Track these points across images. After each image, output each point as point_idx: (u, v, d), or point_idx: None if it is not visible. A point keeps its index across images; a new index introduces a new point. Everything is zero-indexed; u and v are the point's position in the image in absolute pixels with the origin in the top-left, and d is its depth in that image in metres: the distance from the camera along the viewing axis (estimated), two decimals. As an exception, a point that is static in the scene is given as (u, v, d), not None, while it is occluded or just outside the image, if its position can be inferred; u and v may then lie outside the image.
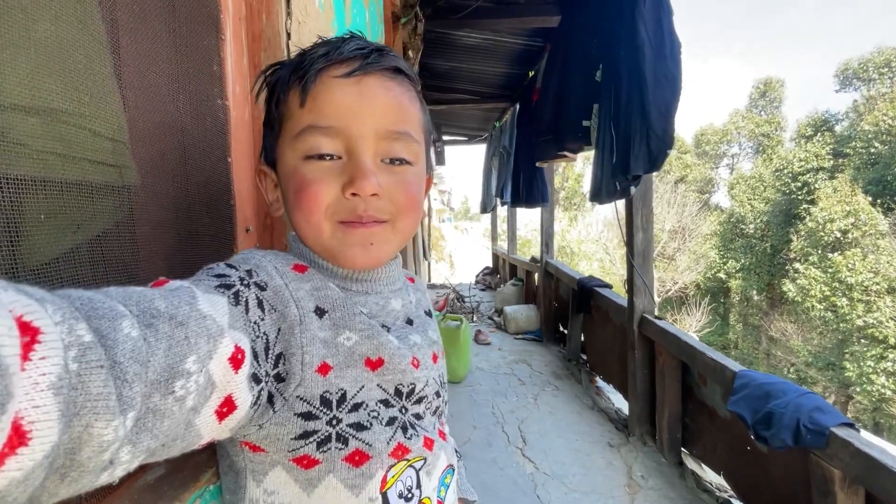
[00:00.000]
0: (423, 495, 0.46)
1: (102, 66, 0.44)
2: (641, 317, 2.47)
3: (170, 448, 0.31)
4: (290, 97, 0.46)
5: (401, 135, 0.47)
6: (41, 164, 0.42)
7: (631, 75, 1.84)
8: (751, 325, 18.18)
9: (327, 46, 0.46)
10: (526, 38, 3.66)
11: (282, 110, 0.47)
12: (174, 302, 0.31)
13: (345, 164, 0.45)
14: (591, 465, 2.29)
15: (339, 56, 0.44)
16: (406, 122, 0.47)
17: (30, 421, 0.20)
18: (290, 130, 0.46)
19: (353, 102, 0.44)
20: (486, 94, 5.07)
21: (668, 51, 1.75)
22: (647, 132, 1.78)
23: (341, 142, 0.45)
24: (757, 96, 22.96)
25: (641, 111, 1.80)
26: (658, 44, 1.75)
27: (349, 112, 0.44)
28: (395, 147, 0.47)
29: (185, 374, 0.29)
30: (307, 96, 0.44)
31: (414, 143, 0.48)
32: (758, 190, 19.02)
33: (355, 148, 0.44)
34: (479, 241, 24.44)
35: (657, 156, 1.78)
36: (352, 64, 0.45)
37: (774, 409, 1.47)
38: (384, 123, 0.45)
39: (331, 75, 0.44)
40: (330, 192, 0.44)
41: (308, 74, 0.44)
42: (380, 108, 0.45)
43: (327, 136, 0.44)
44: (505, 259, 6.87)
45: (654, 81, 1.77)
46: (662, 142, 1.78)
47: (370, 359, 0.45)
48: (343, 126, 0.44)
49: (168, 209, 0.51)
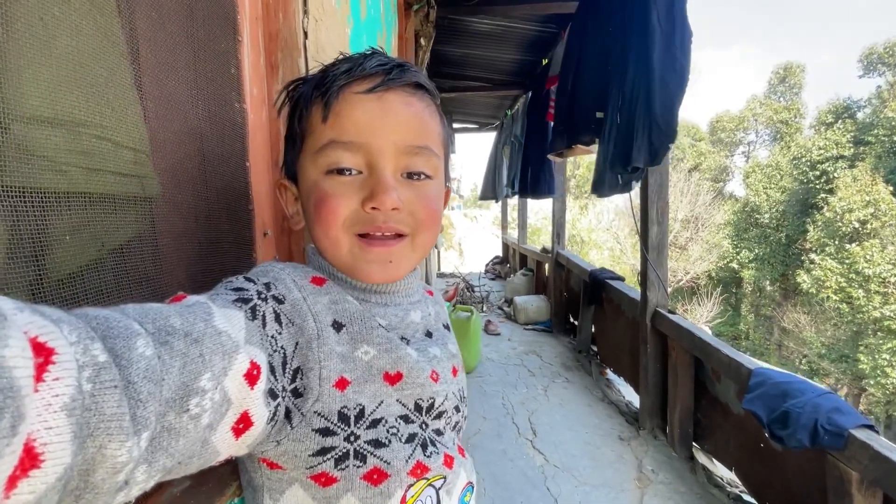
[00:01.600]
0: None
1: (123, 76, 0.43)
2: (655, 311, 2.45)
3: (187, 466, 0.31)
4: (312, 113, 0.46)
5: (421, 149, 0.47)
6: (64, 178, 0.41)
7: (639, 64, 1.79)
8: (763, 316, 17.97)
9: (349, 63, 0.46)
10: (539, 25, 3.58)
11: (304, 126, 0.47)
12: (189, 319, 0.31)
13: (365, 179, 0.45)
14: (602, 458, 2.29)
15: (361, 72, 0.45)
16: (426, 137, 0.48)
17: (42, 443, 0.19)
18: (312, 146, 0.46)
19: (374, 118, 0.44)
20: (497, 82, 5.00)
21: (678, 39, 1.68)
22: (651, 123, 1.74)
23: (362, 157, 0.45)
24: (776, 82, 22.30)
25: (647, 101, 1.75)
26: (669, 31, 1.69)
27: (370, 128, 0.44)
28: (416, 161, 0.47)
29: (200, 391, 0.29)
30: (329, 112, 0.44)
31: (434, 158, 0.48)
32: (774, 179, 18.60)
33: (376, 163, 0.45)
34: (488, 228, 24.36)
35: (658, 148, 1.74)
36: (374, 80, 0.45)
37: (791, 409, 1.45)
38: (405, 139, 0.46)
39: (353, 91, 0.45)
40: (349, 205, 0.45)
41: (330, 90, 0.44)
42: (401, 123, 0.45)
43: (348, 150, 0.44)
44: (515, 248, 6.84)
45: (662, 71, 1.71)
46: (665, 135, 1.73)
47: (388, 373, 0.45)
48: (364, 141, 0.44)
49: (188, 218, 0.51)
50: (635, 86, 1.82)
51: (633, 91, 1.82)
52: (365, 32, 1.11)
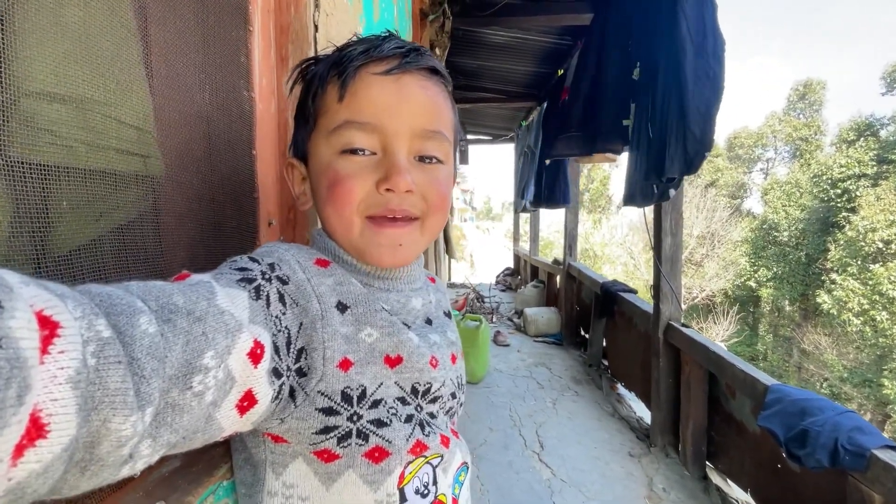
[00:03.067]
0: (438, 492, 0.46)
1: (131, 54, 0.44)
2: (668, 324, 2.40)
3: (191, 441, 0.31)
4: (327, 92, 0.46)
5: (435, 133, 0.47)
6: (69, 153, 0.42)
7: (669, 73, 1.77)
8: (781, 337, 17.47)
9: (366, 44, 0.46)
10: (555, 37, 3.60)
11: (318, 104, 0.47)
12: (192, 297, 0.31)
13: (379, 161, 0.45)
14: (611, 474, 2.23)
15: (378, 53, 0.45)
16: (440, 122, 0.48)
17: (48, 413, 0.20)
18: (327, 125, 0.46)
19: (391, 100, 0.44)
20: (512, 93, 5.02)
21: (710, 47, 1.67)
22: (685, 133, 1.71)
23: (377, 138, 0.45)
24: (796, 98, 22.01)
25: (679, 110, 1.73)
26: (700, 39, 1.68)
27: (387, 109, 0.44)
28: (429, 146, 0.47)
29: (203, 369, 0.29)
30: (346, 92, 0.44)
31: (446, 143, 0.49)
32: (793, 196, 18.24)
33: (391, 145, 0.45)
34: (500, 241, 24.31)
35: (693, 158, 1.71)
36: (391, 62, 0.45)
37: (810, 428, 1.39)
38: (420, 122, 0.46)
39: (370, 72, 0.45)
40: (364, 187, 0.45)
41: (347, 70, 0.44)
42: (417, 106, 0.46)
43: (364, 131, 0.44)
44: (526, 260, 6.79)
45: (695, 80, 1.69)
46: (701, 144, 1.70)
47: (389, 356, 0.45)
48: (380, 123, 0.44)
49: (192, 199, 0.51)
50: (666, 96, 1.80)
51: (665, 101, 1.81)
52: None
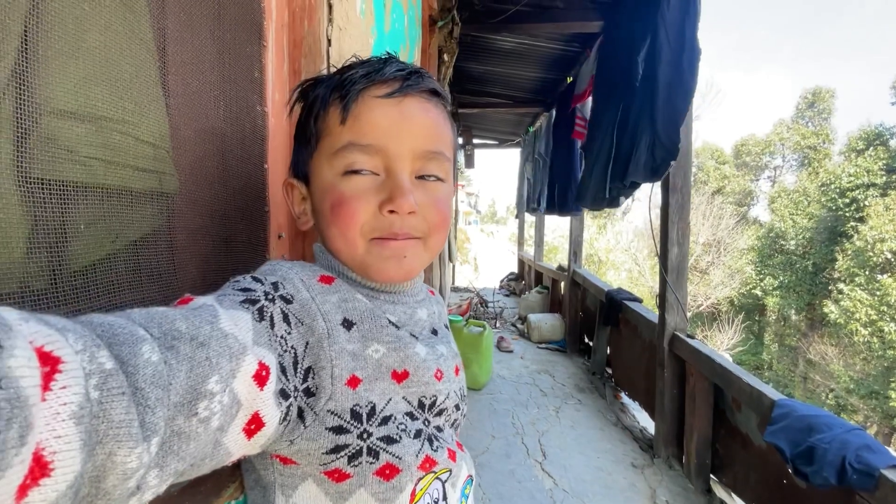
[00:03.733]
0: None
1: (149, 73, 0.44)
2: (673, 334, 2.38)
3: (199, 467, 0.31)
4: (329, 114, 0.47)
5: (436, 154, 0.48)
6: (86, 170, 0.42)
7: (646, 81, 1.79)
8: (787, 346, 17.30)
9: (368, 67, 0.47)
10: (563, 44, 3.60)
11: (320, 126, 0.47)
12: (195, 322, 0.31)
13: (382, 182, 0.46)
14: (613, 484, 2.21)
15: (380, 77, 0.46)
16: (441, 143, 0.49)
17: (51, 451, 0.19)
18: (329, 147, 0.46)
19: (393, 122, 0.45)
20: (519, 99, 5.03)
21: (685, 57, 1.68)
22: (654, 140, 1.73)
23: (380, 160, 0.45)
24: (804, 107, 21.87)
25: (651, 117, 1.75)
26: (677, 48, 1.69)
27: (389, 132, 0.45)
28: (430, 166, 0.48)
29: (209, 394, 0.29)
30: (348, 114, 0.45)
31: (446, 162, 0.50)
32: (801, 205, 18.10)
33: (393, 167, 0.45)
34: (504, 245, 24.27)
35: (660, 165, 1.72)
36: (392, 85, 0.46)
37: (817, 444, 1.37)
38: (422, 144, 0.46)
39: (372, 95, 0.45)
40: (367, 209, 0.45)
41: (350, 93, 0.45)
42: (418, 128, 0.46)
43: (366, 153, 0.45)
44: (531, 265, 6.78)
45: (668, 87, 1.71)
46: (668, 151, 1.72)
47: (396, 371, 0.45)
48: (382, 145, 0.45)
49: (204, 215, 0.51)
50: (642, 102, 1.82)
51: (640, 107, 1.82)
52: (388, 45, 1.13)
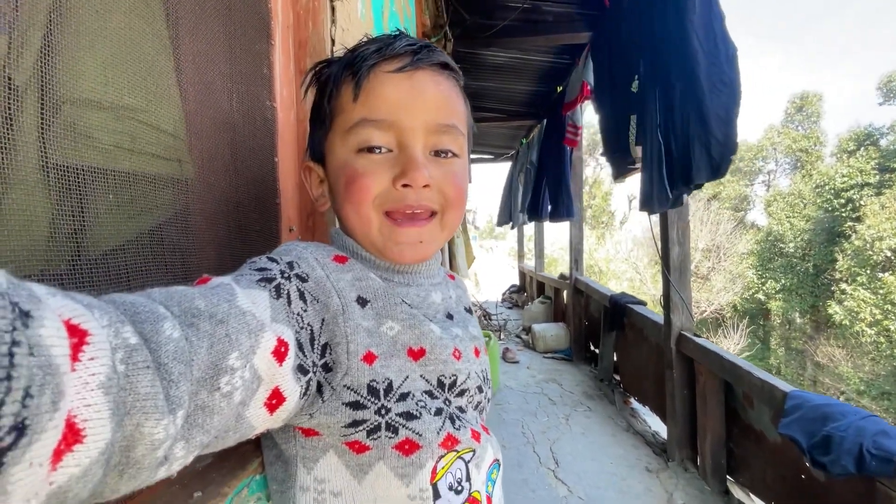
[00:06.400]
0: (472, 489, 0.45)
1: (165, 65, 0.46)
2: (679, 334, 2.37)
3: (224, 440, 0.32)
4: (342, 92, 0.47)
5: (449, 128, 0.48)
6: (106, 156, 0.43)
7: (684, 83, 1.82)
8: (794, 350, 17.14)
9: (378, 43, 0.47)
10: (553, 56, 3.69)
11: (333, 105, 0.48)
12: (213, 300, 0.31)
13: (396, 157, 0.46)
14: (628, 490, 2.17)
15: (391, 52, 0.46)
16: (454, 116, 0.49)
17: (83, 419, 0.20)
18: (342, 125, 0.47)
19: (405, 97, 0.45)
20: (512, 112, 5.11)
21: (722, 56, 1.72)
22: (708, 139, 1.75)
23: (393, 135, 0.46)
24: (793, 111, 22.20)
25: (700, 118, 1.77)
26: (711, 49, 1.73)
27: (401, 106, 0.45)
28: (444, 140, 0.48)
29: (230, 370, 0.30)
30: (360, 91, 0.45)
31: (460, 136, 0.49)
32: (797, 207, 18.20)
33: (406, 141, 0.46)
34: (504, 259, 24.26)
35: (720, 162, 1.74)
36: (403, 59, 0.46)
37: (833, 433, 1.36)
38: (434, 117, 0.47)
39: (383, 70, 0.46)
40: (380, 183, 0.45)
41: (361, 70, 0.45)
42: (430, 101, 0.47)
43: (379, 129, 0.45)
44: (532, 276, 6.77)
45: (711, 88, 1.73)
46: (725, 147, 1.74)
47: (412, 348, 0.45)
48: (395, 119, 0.45)
49: (220, 202, 0.53)
50: (685, 105, 1.84)
51: (684, 110, 1.85)
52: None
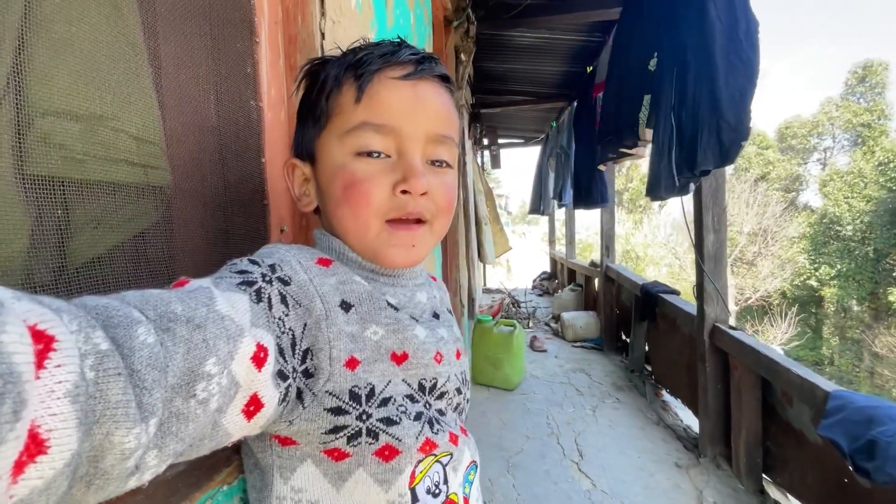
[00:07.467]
0: (450, 491, 0.45)
1: (139, 70, 0.45)
2: (713, 326, 2.26)
3: (199, 448, 0.31)
4: (343, 93, 0.47)
5: (446, 138, 0.49)
6: (80, 167, 0.44)
7: (698, 60, 1.69)
8: (849, 340, 16.10)
9: (382, 48, 0.48)
10: (583, 34, 3.52)
11: (332, 104, 0.48)
12: (191, 304, 0.31)
13: (395, 163, 0.46)
14: (656, 486, 2.11)
15: (396, 59, 0.47)
16: (451, 127, 0.50)
17: (48, 429, 0.19)
18: (341, 125, 0.46)
19: (408, 104, 0.46)
20: (542, 95, 4.96)
21: (741, 31, 1.57)
22: (718, 122, 1.61)
23: (393, 141, 0.46)
24: (854, 82, 20.41)
25: (711, 99, 1.64)
26: (730, 23, 1.59)
27: (404, 113, 0.46)
28: (440, 150, 0.49)
29: (206, 376, 0.29)
30: (363, 94, 0.45)
31: (454, 147, 0.51)
32: (857, 187, 16.87)
33: (406, 148, 0.46)
34: (537, 245, 23.93)
35: (729, 148, 1.61)
36: (408, 67, 0.47)
37: (879, 438, 1.26)
38: (434, 127, 0.47)
39: (388, 76, 0.46)
40: (382, 190, 0.46)
41: (366, 73, 0.45)
42: (432, 111, 0.47)
43: (380, 133, 0.45)
44: (563, 263, 6.64)
45: (727, 66, 1.60)
46: (736, 132, 1.60)
47: (395, 353, 0.45)
48: (397, 126, 0.45)
49: (203, 208, 0.52)
50: (697, 84, 1.71)
51: (695, 90, 1.72)
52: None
